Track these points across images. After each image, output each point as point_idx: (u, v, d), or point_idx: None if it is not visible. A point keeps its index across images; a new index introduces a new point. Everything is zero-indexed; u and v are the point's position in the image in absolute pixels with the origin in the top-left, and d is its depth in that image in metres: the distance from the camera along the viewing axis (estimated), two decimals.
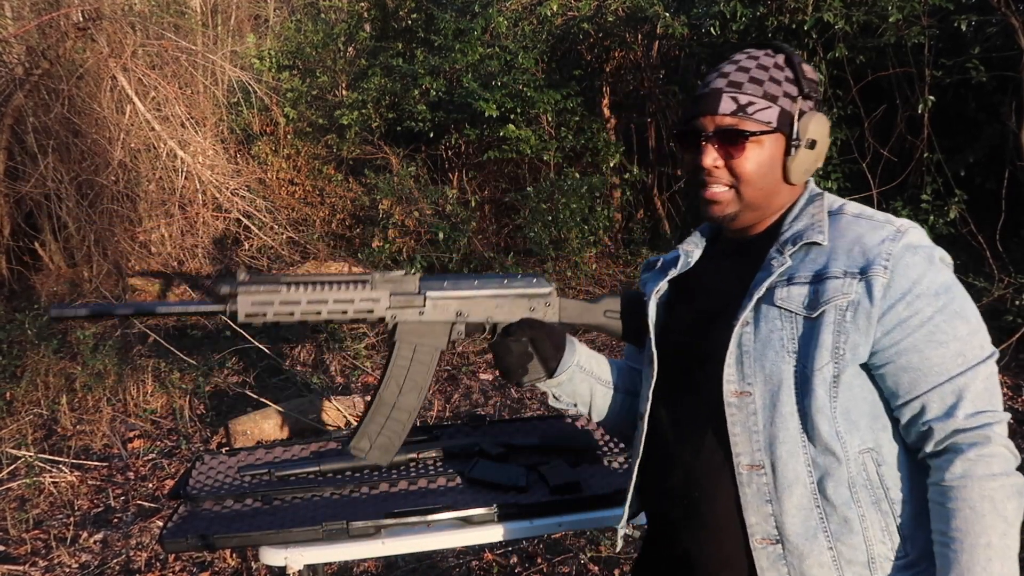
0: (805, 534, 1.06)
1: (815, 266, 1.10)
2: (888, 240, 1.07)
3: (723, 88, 1.14)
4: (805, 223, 1.15)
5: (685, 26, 6.07)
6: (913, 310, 1.04)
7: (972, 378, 1.05)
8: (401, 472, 1.84)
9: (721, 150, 1.14)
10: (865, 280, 1.05)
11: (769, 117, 1.12)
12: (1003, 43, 5.47)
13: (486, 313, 1.33)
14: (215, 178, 6.65)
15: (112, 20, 6.43)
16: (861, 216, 1.14)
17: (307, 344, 5.40)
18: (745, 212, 1.17)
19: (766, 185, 1.15)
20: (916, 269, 1.05)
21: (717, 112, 1.12)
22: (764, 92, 1.13)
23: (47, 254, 6.82)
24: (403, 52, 7.52)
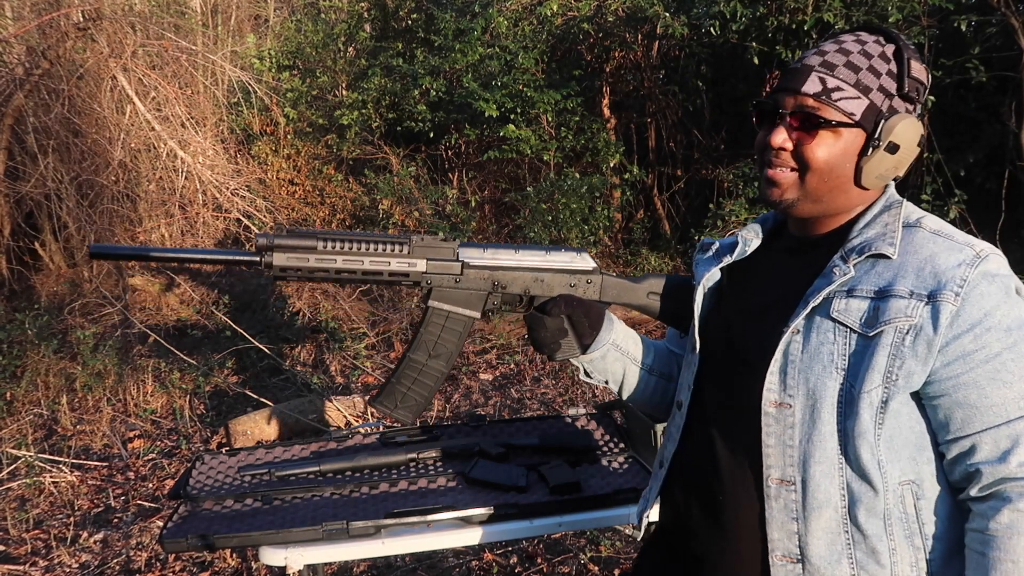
0: (829, 558, 1.02)
1: (880, 281, 1.02)
2: (965, 264, 0.98)
3: (814, 66, 1.05)
4: (876, 232, 1.06)
5: (685, 26, 6.07)
6: (980, 344, 0.96)
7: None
8: (401, 472, 1.84)
9: (793, 132, 1.06)
10: (932, 305, 0.97)
11: (854, 108, 1.03)
12: (1003, 43, 5.47)
13: (524, 286, 1.31)
14: (215, 178, 6.65)
15: (112, 20, 6.43)
16: (939, 233, 1.04)
17: (307, 344, 5.40)
18: (804, 202, 1.09)
19: (832, 179, 1.06)
20: (991, 300, 0.97)
21: (800, 90, 1.04)
22: (857, 80, 1.04)
23: (47, 254, 6.82)
24: (403, 52, 7.52)
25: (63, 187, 6.24)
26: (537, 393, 4.67)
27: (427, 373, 1.32)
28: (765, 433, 1.06)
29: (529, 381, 4.86)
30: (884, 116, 1.04)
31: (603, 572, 2.90)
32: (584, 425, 2.06)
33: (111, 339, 5.16)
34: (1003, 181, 5.30)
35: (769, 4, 5.53)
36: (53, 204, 6.38)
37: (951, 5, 4.94)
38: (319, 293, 5.99)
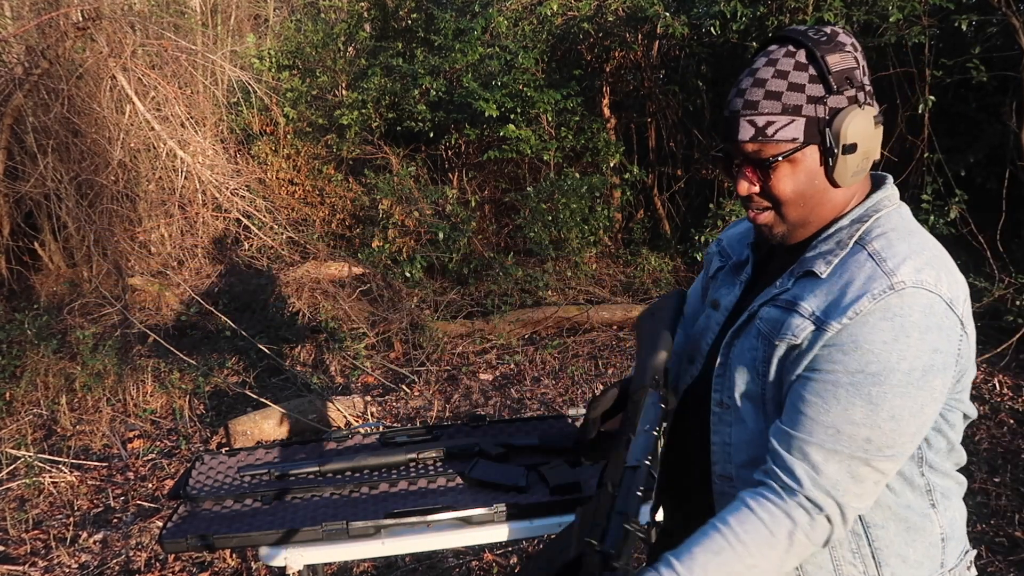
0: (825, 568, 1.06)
1: (798, 296, 1.05)
2: (869, 295, 0.97)
3: (740, 111, 1.05)
4: (826, 248, 1.07)
5: (685, 26, 6.07)
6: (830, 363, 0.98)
7: (829, 457, 0.97)
8: (401, 472, 1.84)
9: (754, 175, 1.07)
10: (819, 331, 0.99)
11: (793, 133, 1.02)
12: (1004, 43, 5.47)
13: None
14: (215, 178, 6.65)
15: (112, 20, 6.43)
16: (875, 255, 1.01)
17: (307, 344, 5.39)
18: (795, 230, 1.10)
19: (808, 200, 1.06)
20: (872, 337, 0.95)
21: (737, 139, 1.05)
22: (783, 106, 1.02)
23: (47, 254, 6.82)
24: (403, 52, 7.52)
25: (62, 187, 6.24)
26: (537, 393, 4.66)
27: None
28: (712, 432, 1.13)
29: (529, 381, 4.85)
30: (827, 122, 1.02)
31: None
32: None
33: (111, 339, 5.15)
34: (1004, 181, 5.29)
35: (769, 4, 5.53)
36: (52, 204, 6.37)
37: (951, 5, 4.93)
38: (319, 293, 5.98)
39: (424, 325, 5.48)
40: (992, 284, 4.83)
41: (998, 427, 3.97)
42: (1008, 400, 4.24)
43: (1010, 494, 3.35)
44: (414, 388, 4.81)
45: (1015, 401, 4.22)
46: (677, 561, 0.97)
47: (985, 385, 4.40)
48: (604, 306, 5.74)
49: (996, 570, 2.84)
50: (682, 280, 6.40)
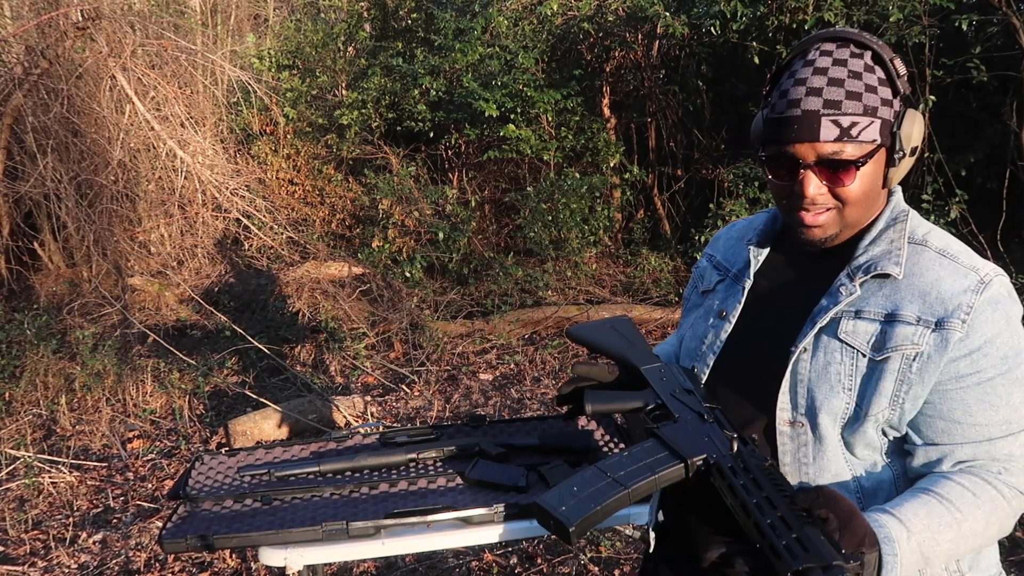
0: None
1: (887, 303, 1.03)
2: (970, 291, 1.00)
3: (820, 110, 1.00)
4: (882, 249, 1.06)
5: (685, 26, 6.06)
6: (976, 367, 0.99)
7: (1012, 442, 1.01)
8: (401, 472, 1.83)
9: (823, 176, 1.03)
10: (939, 332, 0.99)
11: (873, 135, 1.01)
12: (1004, 43, 5.47)
13: None
14: (215, 178, 6.64)
15: (111, 20, 6.43)
16: (944, 254, 1.04)
17: (307, 344, 5.39)
18: (845, 231, 1.08)
19: (869, 201, 1.06)
20: (992, 328, 0.99)
21: (818, 139, 1.00)
22: (864, 107, 1.00)
23: (46, 254, 6.82)
24: (403, 52, 7.52)
25: (62, 187, 6.24)
26: (537, 393, 4.66)
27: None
28: (781, 452, 1.07)
29: (529, 381, 4.85)
30: (897, 125, 1.03)
31: (603, 572, 2.89)
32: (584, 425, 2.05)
33: (110, 339, 5.15)
34: (1004, 181, 5.30)
35: (769, 3, 5.53)
36: (52, 204, 6.37)
37: (952, 4, 4.93)
38: (319, 293, 5.98)
39: (424, 325, 5.48)
40: None
41: None
42: None
43: None
44: (414, 388, 4.81)
45: None
46: (889, 508, 0.96)
47: None
48: (604, 306, 5.74)
49: None
50: (682, 280, 6.40)
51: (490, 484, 1.73)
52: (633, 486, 0.97)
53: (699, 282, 1.31)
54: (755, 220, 1.29)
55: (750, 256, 1.21)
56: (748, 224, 1.29)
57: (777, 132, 1.04)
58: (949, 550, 0.96)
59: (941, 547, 0.95)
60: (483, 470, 1.77)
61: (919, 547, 0.93)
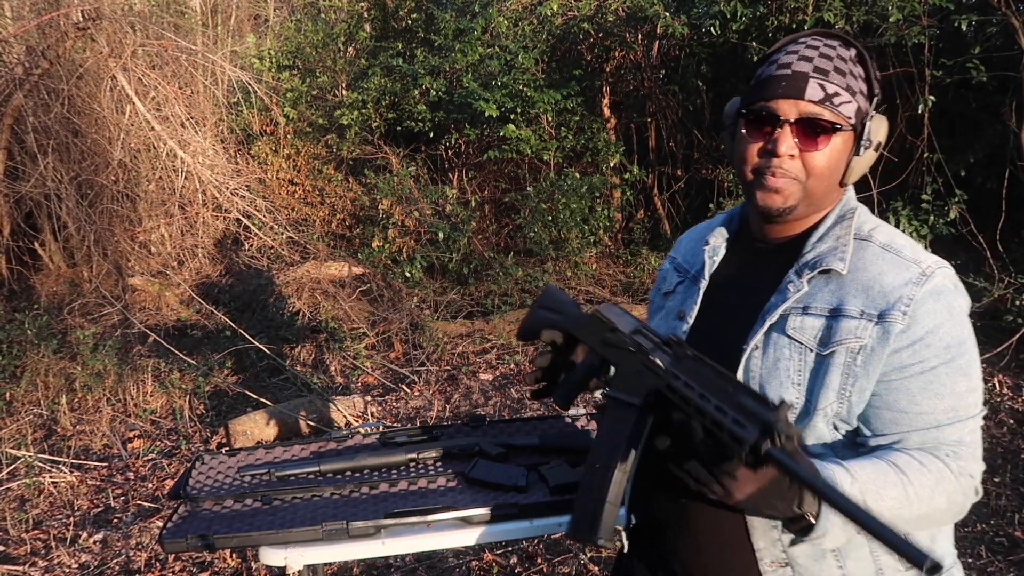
0: (814, 555, 1.05)
1: (832, 299, 1.05)
2: (911, 283, 1.02)
3: (810, 73, 1.04)
4: (829, 246, 1.09)
5: (685, 26, 6.06)
6: (919, 357, 1.01)
7: (959, 428, 1.03)
8: (401, 472, 1.84)
9: (799, 137, 1.05)
10: (882, 326, 1.01)
11: (850, 112, 1.06)
12: (1004, 43, 5.47)
13: None
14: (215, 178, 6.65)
15: (112, 20, 6.43)
16: (888, 248, 1.07)
17: (307, 344, 5.40)
18: (803, 207, 1.09)
19: (830, 182, 1.09)
20: (934, 318, 1.01)
21: (803, 97, 1.04)
22: (847, 85, 1.06)
23: (47, 254, 6.82)
24: (403, 52, 7.52)
25: (63, 187, 6.24)
26: None
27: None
28: None
29: None
30: (868, 117, 1.08)
31: (603, 572, 2.90)
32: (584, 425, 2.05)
33: (111, 339, 5.15)
34: (1003, 181, 5.30)
35: (769, 4, 5.53)
36: (53, 204, 6.37)
37: (951, 5, 4.93)
38: (319, 293, 5.98)
39: (424, 325, 5.48)
40: (992, 284, 4.83)
41: (998, 427, 3.97)
42: (1008, 400, 4.24)
43: (1010, 494, 3.35)
44: (414, 388, 4.81)
45: (1015, 401, 4.22)
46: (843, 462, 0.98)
47: (985, 385, 4.39)
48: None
49: (996, 570, 2.84)
50: None
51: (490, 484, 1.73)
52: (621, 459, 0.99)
53: (662, 284, 1.33)
54: (713, 222, 1.31)
55: (706, 258, 1.23)
56: (707, 226, 1.32)
57: (763, 90, 1.08)
58: (893, 508, 0.96)
59: (885, 503, 0.95)
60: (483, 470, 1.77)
61: (862, 495, 0.93)
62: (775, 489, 0.88)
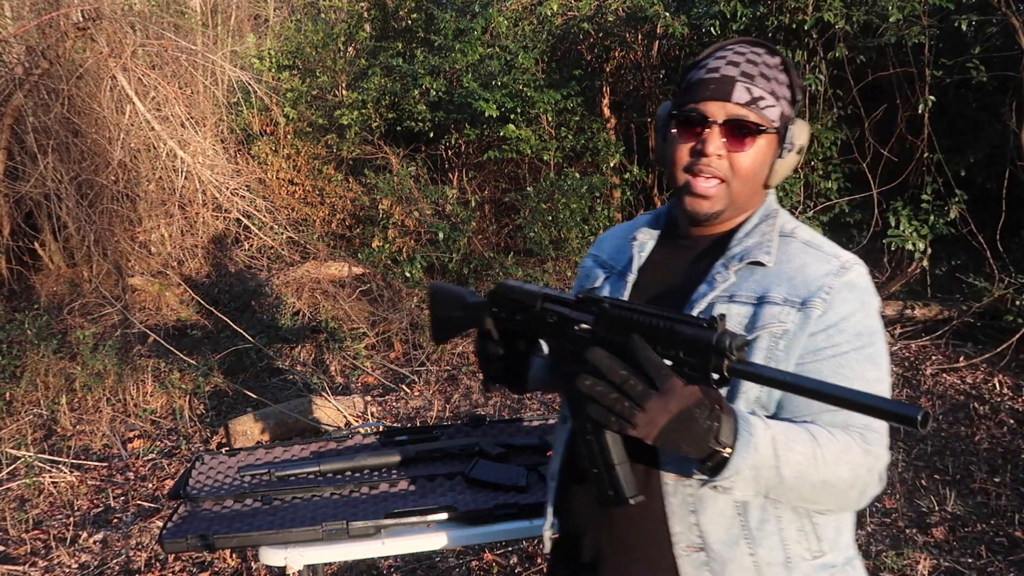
0: (727, 542, 1.07)
1: (758, 288, 1.10)
2: (831, 274, 1.08)
3: (737, 77, 1.10)
4: (755, 241, 1.14)
5: (685, 26, 6.06)
6: (831, 342, 1.05)
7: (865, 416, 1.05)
8: (401, 472, 1.84)
9: (726, 137, 1.10)
10: (804, 311, 1.05)
11: (774, 116, 1.11)
12: (1004, 43, 5.47)
13: None
14: (215, 178, 6.65)
15: (112, 20, 6.43)
16: (810, 244, 1.14)
17: (307, 344, 5.40)
18: (729, 210, 1.14)
19: (754, 185, 1.14)
20: (848, 307, 1.07)
21: (731, 99, 1.09)
22: (772, 91, 1.11)
23: (47, 254, 6.82)
24: (403, 52, 7.52)
25: (63, 187, 6.24)
26: (537, 393, 4.67)
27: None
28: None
29: None
30: (791, 121, 1.14)
31: None
32: None
33: (111, 339, 5.15)
34: (1003, 181, 5.30)
35: (769, 4, 5.53)
36: (53, 204, 6.37)
37: (951, 5, 4.93)
38: (319, 293, 5.99)
39: (424, 325, 5.48)
40: (992, 284, 4.83)
41: (998, 427, 3.97)
42: (1008, 400, 4.24)
43: (1010, 494, 3.35)
44: (414, 388, 4.81)
45: (1015, 401, 4.22)
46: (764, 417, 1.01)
47: (985, 385, 4.40)
48: None
49: (996, 570, 2.84)
50: None
51: (490, 484, 1.73)
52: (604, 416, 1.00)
53: (585, 281, 1.34)
54: (638, 220, 1.35)
55: (634, 252, 1.26)
56: (631, 225, 1.35)
57: (693, 92, 1.12)
58: (800, 464, 0.97)
59: (794, 456, 0.96)
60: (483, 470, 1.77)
61: (773, 442, 0.95)
62: (693, 420, 0.88)
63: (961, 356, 4.75)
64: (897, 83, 5.71)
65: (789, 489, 0.98)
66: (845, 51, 5.39)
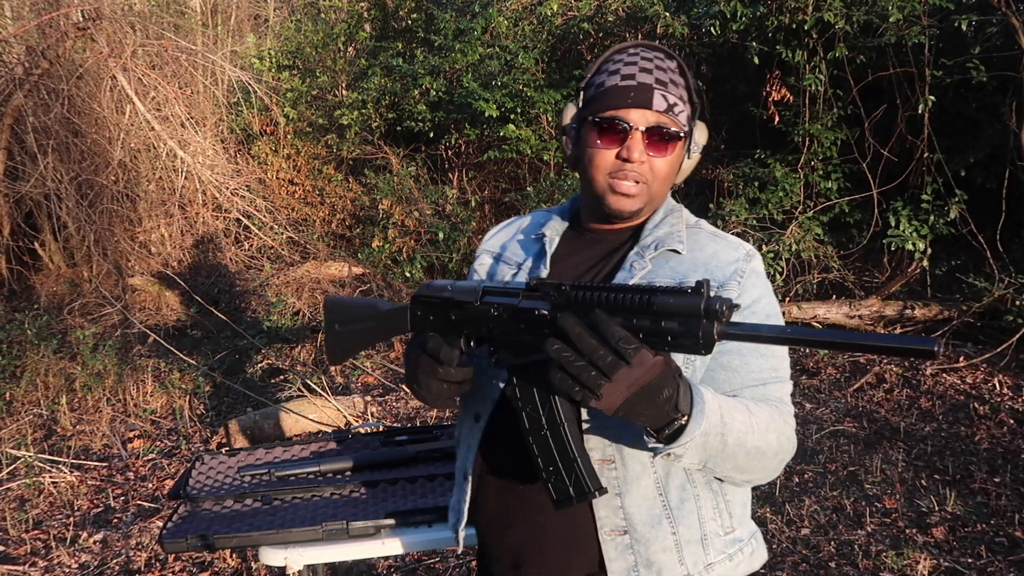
0: (651, 522, 1.10)
1: (674, 275, 1.15)
2: (741, 260, 1.16)
3: (653, 84, 1.14)
4: (665, 232, 1.20)
5: (685, 26, 6.06)
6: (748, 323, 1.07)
7: (780, 387, 1.14)
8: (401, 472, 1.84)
9: (648, 144, 1.14)
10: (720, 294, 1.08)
11: (685, 120, 1.16)
12: (1003, 43, 5.47)
13: None
14: (215, 178, 6.65)
15: (112, 20, 6.43)
16: (716, 235, 1.22)
17: (307, 344, 5.39)
18: (647, 209, 1.20)
19: (668, 185, 1.20)
20: (758, 290, 1.15)
21: (652, 107, 1.13)
22: (680, 96, 1.16)
23: (47, 254, 6.82)
24: (403, 52, 7.52)
25: (63, 187, 6.24)
26: None
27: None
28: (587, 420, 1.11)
29: None
30: (693, 124, 1.20)
31: None
32: None
33: (111, 339, 5.15)
34: (1003, 181, 5.30)
35: (769, 4, 5.53)
36: (53, 204, 6.38)
37: (951, 5, 4.93)
38: (319, 293, 5.98)
39: None
40: (992, 284, 4.83)
41: (998, 427, 3.97)
42: (1008, 400, 4.24)
43: (1010, 494, 3.35)
44: None
45: (1015, 401, 4.22)
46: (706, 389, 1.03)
47: (985, 385, 4.40)
48: None
49: (996, 570, 2.84)
50: None
51: None
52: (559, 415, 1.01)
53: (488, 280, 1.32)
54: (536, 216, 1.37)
55: (545, 246, 1.26)
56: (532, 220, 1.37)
57: (611, 99, 1.15)
58: (741, 431, 1.00)
59: (736, 424, 1.00)
60: None
61: (720, 410, 0.97)
62: (658, 390, 0.89)
63: (961, 356, 4.75)
64: (897, 83, 5.71)
65: (729, 456, 1.00)
66: (845, 51, 5.38)
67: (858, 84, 5.59)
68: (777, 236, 5.51)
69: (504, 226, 1.42)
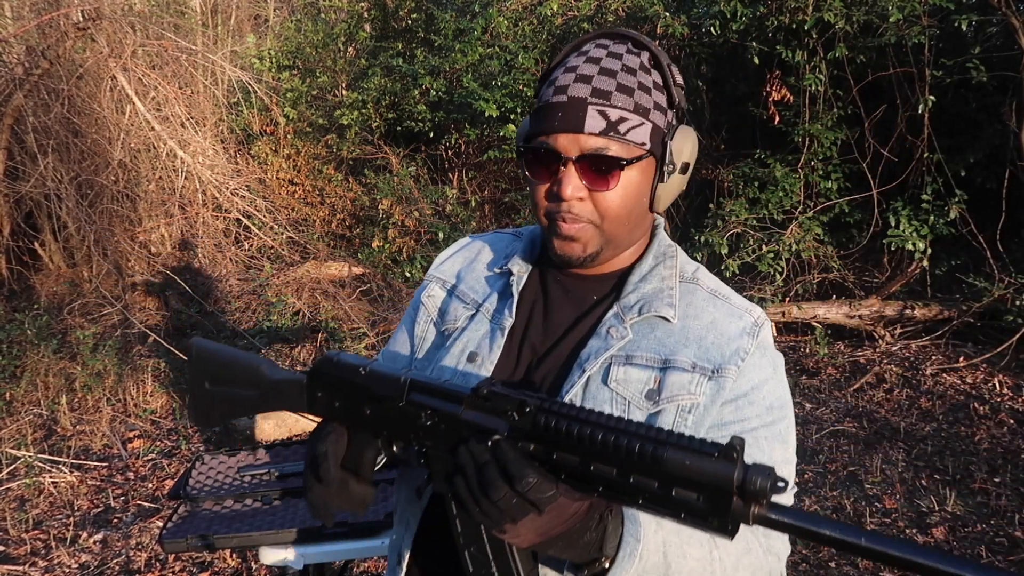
0: None
1: (661, 348, 0.93)
2: (746, 334, 0.94)
3: (588, 98, 0.89)
4: (653, 287, 0.97)
5: (685, 26, 6.06)
6: (740, 416, 0.92)
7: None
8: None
9: (585, 176, 0.90)
10: (716, 381, 0.91)
11: (643, 138, 0.90)
12: (1003, 43, 5.47)
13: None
14: (215, 178, 6.65)
15: (112, 20, 6.43)
16: (717, 295, 0.98)
17: (307, 344, 5.39)
18: (606, 251, 0.96)
19: (632, 218, 0.95)
20: (760, 373, 0.93)
21: (583, 130, 0.88)
22: (635, 104, 0.90)
23: (47, 254, 6.82)
24: (403, 52, 7.52)
25: (63, 187, 6.24)
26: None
27: None
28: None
29: None
30: (669, 136, 0.93)
31: None
32: None
33: (111, 339, 5.15)
34: (1003, 181, 5.30)
35: (769, 4, 5.53)
36: (53, 204, 6.38)
37: (951, 5, 4.93)
38: (319, 293, 5.98)
39: None
40: (992, 284, 4.83)
41: (998, 427, 3.97)
42: (1008, 400, 4.24)
43: (1010, 494, 3.35)
44: None
45: (1015, 401, 4.22)
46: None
47: (985, 385, 4.40)
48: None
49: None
50: None
51: None
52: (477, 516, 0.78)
53: (439, 318, 1.08)
54: (499, 242, 1.12)
55: (511, 286, 1.03)
56: (494, 246, 1.11)
57: (540, 122, 0.92)
58: (694, 571, 0.84)
59: (687, 563, 0.84)
60: None
61: (664, 546, 0.82)
62: (575, 536, 0.75)
63: (961, 356, 4.75)
64: (897, 83, 5.71)
65: None
66: (845, 51, 5.38)
67: (858, 84, 5.59)
68: (777, 236, 5.51)
69: (460, 248, 1.15)
